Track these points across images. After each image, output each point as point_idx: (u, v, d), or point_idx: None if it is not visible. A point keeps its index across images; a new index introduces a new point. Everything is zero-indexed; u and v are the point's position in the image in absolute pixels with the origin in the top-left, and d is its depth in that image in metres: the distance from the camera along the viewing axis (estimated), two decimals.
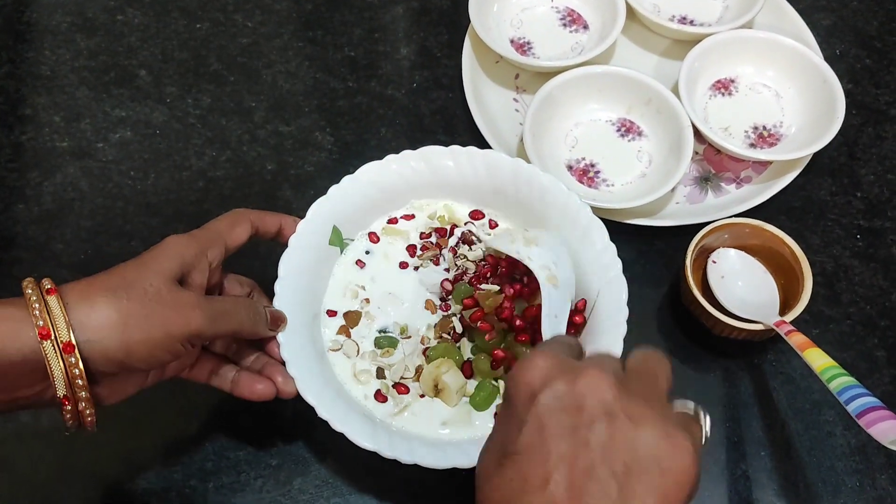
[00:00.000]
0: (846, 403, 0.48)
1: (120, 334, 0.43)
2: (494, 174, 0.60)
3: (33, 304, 0.42)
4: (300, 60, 0.76)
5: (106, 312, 0.43)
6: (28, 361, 0.42)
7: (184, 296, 0.47)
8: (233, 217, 0.53)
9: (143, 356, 0.44)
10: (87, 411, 0.45)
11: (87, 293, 0.44)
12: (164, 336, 0.45)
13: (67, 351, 0.42)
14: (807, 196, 0.68)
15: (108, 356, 0.43)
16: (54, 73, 0.74)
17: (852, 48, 0.77)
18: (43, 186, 0.68)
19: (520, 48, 0.75)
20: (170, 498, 0.56)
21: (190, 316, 0.46)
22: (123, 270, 0.46)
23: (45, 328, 0.42)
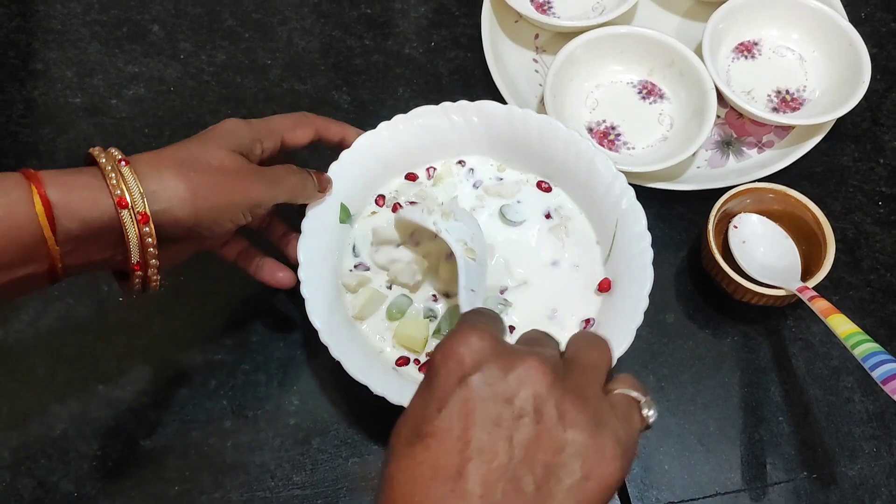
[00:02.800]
0: (871, 370, 0.48)
1: (190, 204, 0.45)
2: (490, 123, 0.60)
3: (109, 173, 0.44)
4: (315, 17, 0.74)
5: (175, 183, 0.45)
6: (106, 228, 0.44)
7: (244, 166, 0.49)
8: (297, 118, 0.56)
9: (209, 223, 0.47)
10: (154, 277, 0.47)
11: (157, 165, 0.46)
12: (228, 204, 0.48)
13: (143, 221, 0.44)
14: (829, 162, 0.68)
15: (179, 223, 0.46)
16: (65, 28, 0.73)
17: (877, 11, 0.75)
18: (56, 142, 0.67)
19: (540, 7, 0.73)
20: (188, 455, 0.56)
21: (250, 185, 0.49)
22: (187, 145, 0.48)
23: (123, 198, 0.43)
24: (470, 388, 0.32)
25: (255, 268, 0.56)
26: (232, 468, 0.56)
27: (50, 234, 0.42)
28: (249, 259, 0.56)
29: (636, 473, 0.56)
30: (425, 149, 0.61)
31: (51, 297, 0.61)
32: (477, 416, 0.32)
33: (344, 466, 0.56)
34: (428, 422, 0.32)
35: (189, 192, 0.46)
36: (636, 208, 0.56)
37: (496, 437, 0.31)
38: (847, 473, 0.56)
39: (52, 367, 0.59)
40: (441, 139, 0.61)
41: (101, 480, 0.55)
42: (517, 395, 0.32)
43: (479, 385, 0.32)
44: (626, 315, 0.53)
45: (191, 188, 0.46)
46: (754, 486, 0.56)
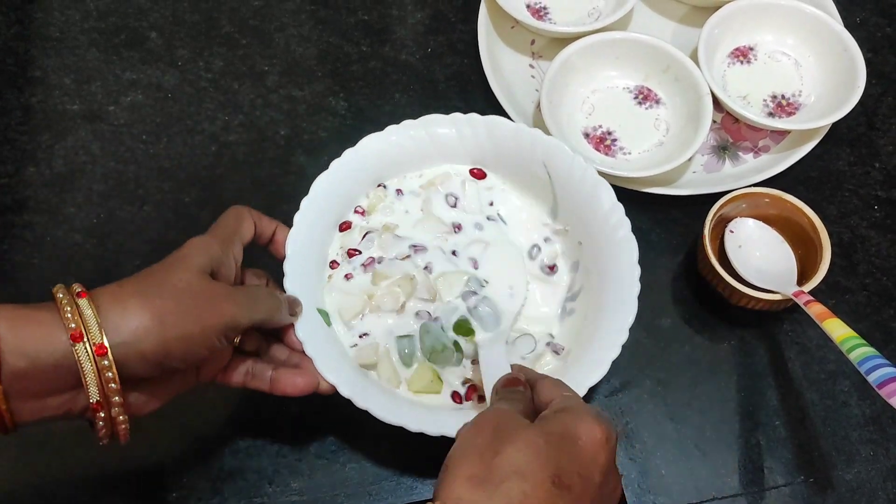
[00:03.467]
0: (867, 374, 0.48)
1: (157, 334, 0.42)
2: (497, 139, 0.60)
3: (65, 307, 0.41)
4: (313, 24, 0.74)
5: (139, 313, 0.42)
6: (59, 366, 0.40)
7: (215, 287, 0.46)
8: (237, 212, 0.52)
9: (181, 354, 0.43)
10: (121, 418, 0.43)
11: (119, 296, 0.42)
12: (201, 330, 0.44)
13: (100, 353, 0.41)
14: (824, 166, 0.68)
15: (146, 357, 0.42)
16: (63, 35, 0.73)
17: (873, 16, 0.75)
18: (54, 149, 0.68)
19: (536, 13, 0.73)
20: (187, 461, 0.56)
21: (223, 307, 0.45)
22: (152, 272, 0.45)
23: (78, 330, 0.40)
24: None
25: (270, 384, 0.51)
26: (230, 474, 0.56)
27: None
28: (259, 377, 0.51)
29: (633, 478, 0.56)
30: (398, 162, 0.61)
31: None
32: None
33: (342, 472, 0.56)
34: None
35: (154, 320, 0.42)
36: (630, 240, 0.55)
37: None
38: (844, 477, 0.56)
39: None
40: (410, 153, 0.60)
41: (98, 487, 0.55)
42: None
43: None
44: (604, 346, 0.53)
45: (156, 316, 0.42)
46: (751, 490, 0.56)
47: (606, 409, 0.58)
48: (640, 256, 0.62)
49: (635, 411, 0.58)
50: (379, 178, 0.60)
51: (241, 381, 0.51)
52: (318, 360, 0.52)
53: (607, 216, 0.56)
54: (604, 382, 0.59)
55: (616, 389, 0.59)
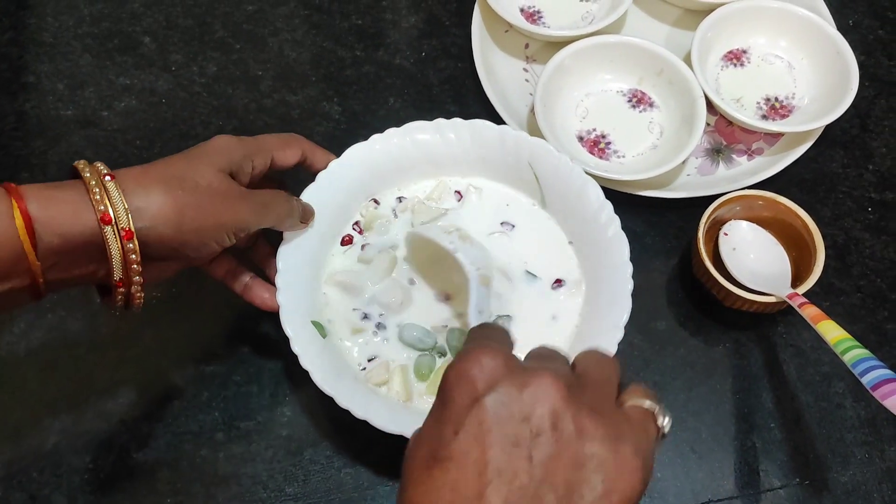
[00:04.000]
0: (861, 376, 0.48)
1: (175, 223, 0.45)
2: (481, 143, 0.60)
3: (93, 188, 0.43)
4: (306, 29, 0.74)
5: (162, 200, 0.44)
6: (89, 243, 0.43)
7: (232, 188, 0.49)
8: (286, 138, 0.55)
9: (195, 244, 0.47)
10: (138, 294, 0.46)
11: (144, 182, 0.45)
12: (215, 225, 0.47)
13: (127, 237, 0.43)
14: (818, 168, 0.68)
15: (164, 242, 0.45)
16: (57, 40, 0.73)
17: (865, 18, 0.76)
18: (48, 155, 0.68)
19: (530, 17, 0.74)
20: (181, 468, 0.56)
21: (238, 208, 0.48)
22: (176, 162, 0.48)
23: (107, 213, 0.43)
24: (485, 409, 0.32)
25: (243, 288, 0.56)
26: (224, 480, 0.55)
27: (31, 248, 0.41)
28: (236, 278, 0.56)
29: None
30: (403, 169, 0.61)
31: (42, 309, 0.61)
32: (494, 437, 0.31)
33: (336, 477, 0.56)
34: (445, 445, 0.32)
35: (175, 211, 0.45)
36: (621, 237, 0.56)
37: (515, 457, 0.31)
38: (839, 479, 0.56)
39: (44, 379, 0.59)
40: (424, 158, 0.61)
41: (93, 493, 0.55)
42: (533, 412, 0.32)
43: (494, 405, 0.32)
44: (600, 344, 0.53)
45: (177, 207, 0.45)
46: (747, 493, 0.56)
47: None
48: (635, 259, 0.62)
49: None
50: (369, 188, 0.60)
51: (222, 276, 0.55)
52: (315, 373, 0.52)
53: (596, 214, 0.57)
54: None
55: None
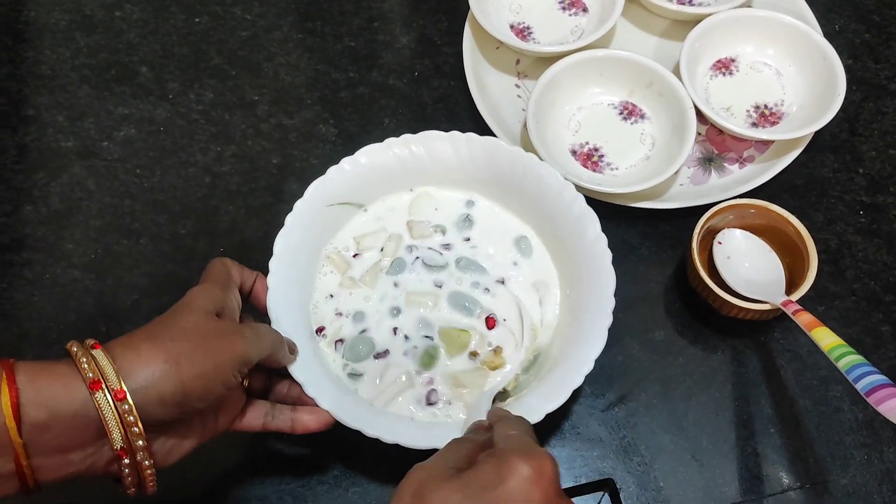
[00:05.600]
0: (855, 382, 0.49)
1: (173, 375, 0.42)
2: (493, 161, 0.61)
3: (80, 359, 0.42)
4: (300, 52, 0.76)
5: (153, 355, 0.43)
6: (80, 417, 0.40)
7: (224, 324, 0.47)
8: (221, 262, 0.53)
9: (199, 392, 0.44)
10: (146, 464, 0.43)
11: (130, 344, 0.43)
12: (215, 366, 0.44)
13: (119, 398, 0.41)
14: (809, 174, 0.69)
15: (165, 399, 0.42)
16: (55, 73, 0.74)
17: (851, 23, 0.77)
18: (50, 187, 0.69)
19: (520, 33, 0.75)
20: (190, 491, 0.57)
21: (233, 341, 0.46)
22: (159, 320, 0.46)
23: (96, 379, 0.41)
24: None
25: (292, 424, 0.52)
26: (234, 503, 0.56)
27: (13, 423, 0.38)
28: (280, 419, 0.52)
29: (632, 491, 0.57)
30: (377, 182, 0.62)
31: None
32: None
33: (344, 497, 0.57)
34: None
35: (169, 361, 0.43)
36: (609, 271, 0.56)
37: None
38: (840, 482, 0.57)
39: None
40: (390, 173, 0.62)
41: None
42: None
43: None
44: (568, 373, 0.53)
45: (170, 358, 0.43)
46: (749, 499, 0.57)
47: (603, 423, 0.59)
48: (631, 270, 0.64)
49: (632, 425, 0.59)
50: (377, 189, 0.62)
51: (262, 423, 0.52)
52: (322, 400, 0.53)
53: (591, 245, 0.57)
54: (600, 397, 0.60)
55: (612, 403, 0.60)
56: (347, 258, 0.61)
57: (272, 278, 0.56)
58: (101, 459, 0.42)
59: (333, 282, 0.60)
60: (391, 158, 0.61)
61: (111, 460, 0.42)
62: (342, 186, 0.61)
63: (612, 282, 0.55)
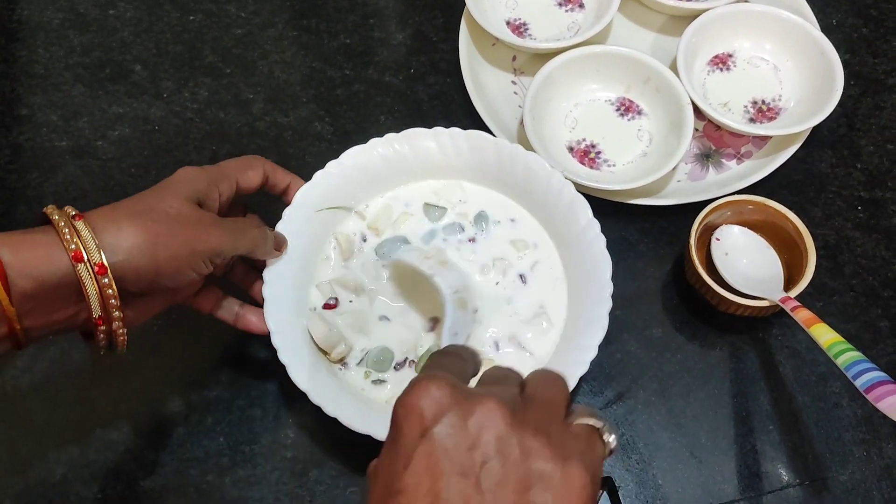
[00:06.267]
0: (854, 378, 0.49)
1: (149, 253, 0.45)
2: (479, 154, 0.61)
3: (62, 229, 0.43)
4: (295, 50, 0.75)
5: (133, 232, 0.45)
6: (63, 285, 0.43)
7: (203, 216, 0.49)
8: (246, 160, 0.55)
9: (171, 273, 0.46)
10: (120, 331, 0.46)
11: (113, 217, 0.45)
12: (189, 253, 0.47)
13: (100, 272, 0.43)
14: (807, 169, 0.69)
15: (140, 274, 0.45)
16: (48, 72, 0.74)
17: (848, 17, 0.76)
18: (44, 187, 0.68)
19: (516, 29, 0.74)
20: (188, 493, 0.57)
21: (210, 233, 0.48)
22: (143, 196, 0.48)
23: (78, 251, 0.43)
24: (432, 441, 0.32)
25: (235, 317, 0.56)
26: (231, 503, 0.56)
27: (4, 294, 0.41)
28: (226, 309, 0.56)
29: (630, 489, 0.56)
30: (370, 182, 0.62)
31: (45, 342, 0.61)
32: (443, 469, 0.32)
33: (342, 496, 0.56)
34: (397, 479, 0.32)
35: (148, 241, 0.45)
36: (605, 256, 0.56)
37: (464, 487, 0.32)
38: (839, 479, 0.57)
39: (49, 411, 0.59)
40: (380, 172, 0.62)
41: None
42: (479, 440, 0.32)
43: (442, 436, 0.32)
44: (571, 361, 0.54)
45: (149, 237, 0.45)
46: (748, 495, 0.56)
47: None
48: (629, 267, 0.64)
49: (630, 422, 0.59)
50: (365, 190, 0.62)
51: (210, 308, 0.56)
52: (314, 395, 0.53)
53: (584, 231, 0.57)
54: (598, 394, 0.60)
55: (611, 401, 0.60)
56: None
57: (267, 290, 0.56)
58: (80, 318, 0.45)
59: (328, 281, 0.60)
60: (376, 159, 0.61)
61: (88, 319, 0.45)
62: (329, 190, 0.60)
63: (608, 266, 0.56)
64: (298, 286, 0.58)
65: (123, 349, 0.48)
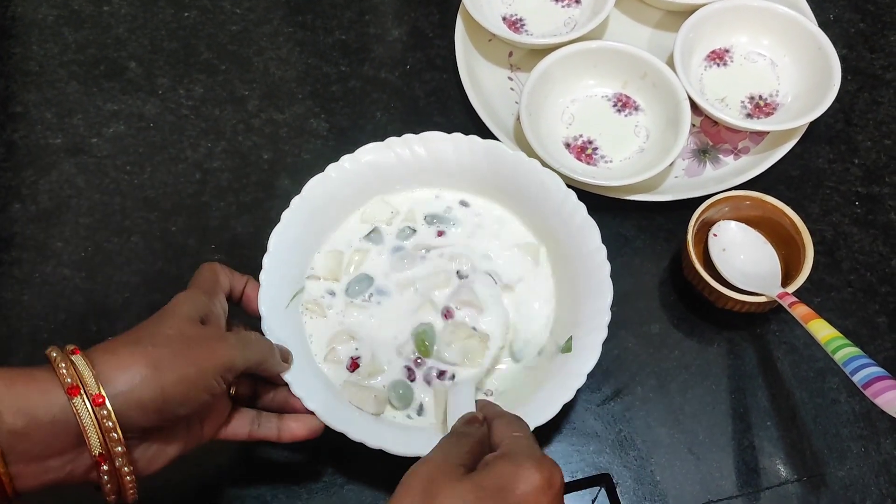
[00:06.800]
0: (851, 374, 0.48)
1: (153, 380, 0.42)
2: (495, 165, 0.60)
3: (59, 364, 0.41)
4: (291, 46, 0.75)
5: (133, 361, 0.42)
6: (58, 423, 0.40)
7: (208, 331, 0.46)
8: (210, 267, 0.52)
9: (180, 397, 0.43)
10: (125, 470, 0.42)
11: (111, 349, 0.43)
12: (198, 372, 0.44)
13: (98, 404, 0.40)
14: (805, 164, 0.69)
15: (145, 405, 0.42)
16: (43, 69, 0.74)
17: (846, 12, 0.76)
18: (39, 185, 0.68)
19: (512, 25, 0.74)
20: (186, 491, 0.56)
21: (217, 347, 0.45)
22: (141, 326, 0.45)
23: (74, 384, 0.40)
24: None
25: (279, 432, 0.52)
26: (229, 502, 0.56)
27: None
28: (266, 426, 0.52)
29: (628, 486, 0.56)
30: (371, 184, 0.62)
31: None
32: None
33: (339, 494, 0.56)
34: None
35: (150, 367, 0.42)
36: (607, 284, 0.55)
37: None
38: (837, 474, 0.57)
39: None
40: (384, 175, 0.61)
41: None
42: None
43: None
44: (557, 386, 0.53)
45: (151, 363, 0.42)
46: (746, 492, 0.56)
47: (598, 418, 0.59)
48: (626, 264, 0.64)
49: (628, 419, 0.59)
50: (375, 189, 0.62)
51: (248, 432, 0.51)
52: (309, 401, 0.52)
53: (592, 255, 0.56)
54: (596, 391, 0.60)
55: (608, 398, 0.59)
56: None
57: (265, 276, 0.55)
58: (81, 466, 0.41)
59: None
60: (392, 158, 0.61)
61: (90, 467, 0.42)
62: (341, 185, 0.60)
63: (609, 294, 0.55)
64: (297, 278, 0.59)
65: (134, 496, 0.43)
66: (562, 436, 0.58)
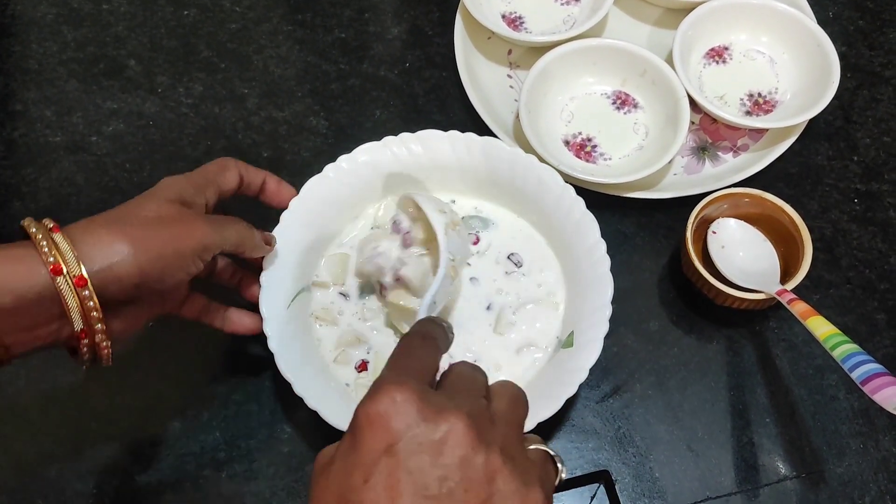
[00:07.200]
0: (850, 371, 0.48)
1: (131, 258, 0.44)
2: (492, 162, 0.60)
3: (40, 242, 0.42)
4: (290, 44, 0.75)
5: (111, 239, 0.44)
6: (43, 299, 0.42)
7: (185, 212, 0.48)
8: (221, 162, 0.54)
9: (157, 275, 0.45)
10: (104, 343, 0.45)
11: (90, 228, 0.44)
12: (175, 251, 0.46)
13: (80, 284, 0.42)
14: (804, 162, 0.69)
15: (122, 281, 0.44)
16: (42, 67, 0.74)
17: (845, 10, 0.76)
18: (39, 182, 0.68)
19: (511, 23, 0.74)
20: (184, 489, 0.56)
21: (195, 227, 0.47)
22: (121, 206, 0.47)
23: (56, 264, 0.42)
24: (396, 459, 0.31)
25: (222, 321, 0.56)
26: (228, 499, 0.56)
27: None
28: (213, 314, 0.55)
29: (627, 482, 0.56)
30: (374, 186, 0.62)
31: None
32: (404, 487, 0.31)
33: None
34: (354, 490, 0.31)
35: (128, 246, 0.44)
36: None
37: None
38: (836, 471, 0.57)
39: (45, 407, 0.59)
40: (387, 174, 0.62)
41: None
42: (443, 459, 0.32)
43: (406, 454, 0.32)
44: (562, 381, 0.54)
45: (130, 242, 0.44)
46: (745, 488, 0.56)
47: (598, 415, 0.59)
48: (625, 261, 0.64)
49: (627, 416, 0.59)
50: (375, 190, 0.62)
51: (197, 315, 0.55)
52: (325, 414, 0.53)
53: (591, 250, 0.57)
54: (595, 388, 0.60)
55: (607, 395, 0.59)
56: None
57: (265, 276, 0.56)
58: (64, 333, 0.44)
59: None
60: (389, 157, 0.61)
61: (71, 335, 0.44)
62: (339, 185, 0.60)
63: (609, 289, 0.55)
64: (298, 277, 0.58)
65: (108, 363, 0.46)
66: (561, 433, 0.58)
